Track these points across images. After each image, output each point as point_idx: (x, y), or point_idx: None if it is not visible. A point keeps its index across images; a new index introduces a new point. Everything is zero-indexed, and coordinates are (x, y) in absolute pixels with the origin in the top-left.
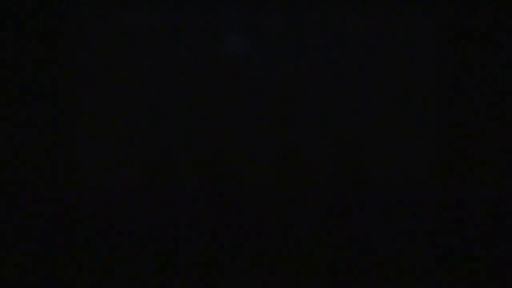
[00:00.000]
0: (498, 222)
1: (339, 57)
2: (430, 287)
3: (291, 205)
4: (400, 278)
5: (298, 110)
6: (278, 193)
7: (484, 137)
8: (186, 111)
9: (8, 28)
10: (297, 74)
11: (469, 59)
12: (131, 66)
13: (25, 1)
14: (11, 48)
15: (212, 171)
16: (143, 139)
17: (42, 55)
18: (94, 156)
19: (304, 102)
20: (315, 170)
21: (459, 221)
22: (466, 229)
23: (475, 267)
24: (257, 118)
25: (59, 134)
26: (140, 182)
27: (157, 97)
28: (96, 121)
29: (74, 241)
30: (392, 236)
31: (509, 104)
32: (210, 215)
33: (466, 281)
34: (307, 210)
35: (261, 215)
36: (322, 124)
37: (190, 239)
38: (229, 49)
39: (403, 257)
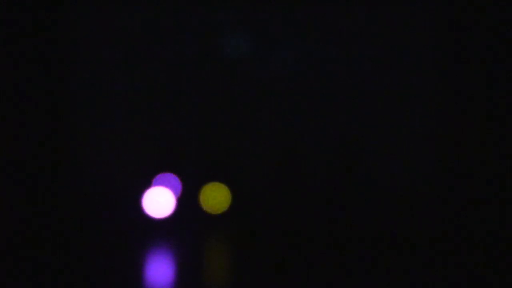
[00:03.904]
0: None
1: (338, 55)
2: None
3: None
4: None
5: (298, 109)
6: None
7: (485, 135)
8: (186, 111)
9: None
10: (297, 73)
11: (470, 55)
12: (130, 65)
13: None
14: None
15: (212, 171)
16: (142, 138)
17: (41, 54)
18: (94, 155)
19: (304, 101)
20: (315, 169)
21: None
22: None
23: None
24: (256, 117)
25: (59, 134)
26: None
27: (157, 97)
28: (96, 121)
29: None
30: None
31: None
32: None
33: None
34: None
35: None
36: (322, 123)
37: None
38: (229, 49)
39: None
